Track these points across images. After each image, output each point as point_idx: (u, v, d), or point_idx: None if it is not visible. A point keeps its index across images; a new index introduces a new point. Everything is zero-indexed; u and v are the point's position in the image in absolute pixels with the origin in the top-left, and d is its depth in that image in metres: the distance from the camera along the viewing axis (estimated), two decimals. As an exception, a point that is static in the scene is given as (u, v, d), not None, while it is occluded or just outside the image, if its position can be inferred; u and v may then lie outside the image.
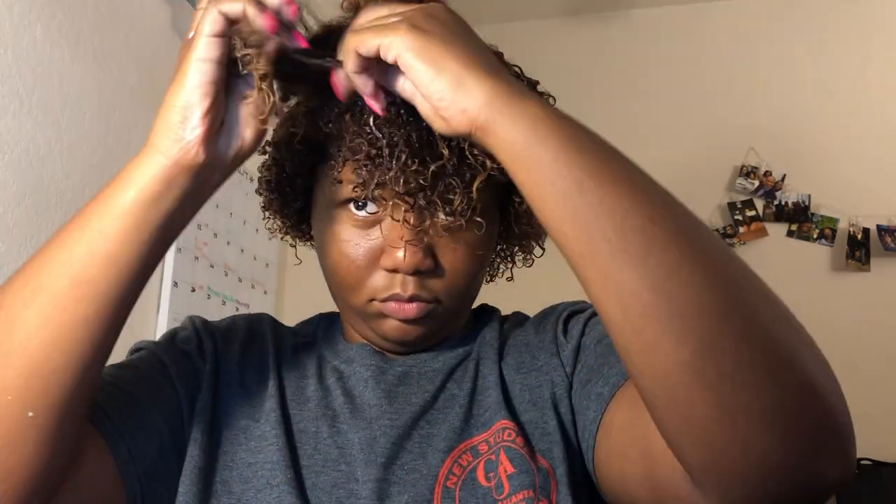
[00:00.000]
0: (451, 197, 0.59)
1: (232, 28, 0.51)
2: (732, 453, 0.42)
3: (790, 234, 2.79)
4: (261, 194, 0.73)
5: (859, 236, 2.69)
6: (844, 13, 2.89)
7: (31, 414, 0.49)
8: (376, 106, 0.54)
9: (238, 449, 0.64)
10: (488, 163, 0.58)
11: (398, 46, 0.48)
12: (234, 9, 0.50)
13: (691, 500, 0.47)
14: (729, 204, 2.84)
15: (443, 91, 0.48)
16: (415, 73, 0.48)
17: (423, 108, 0.52)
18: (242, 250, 1.67)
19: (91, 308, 0.50)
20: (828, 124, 2.82)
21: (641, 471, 0.53)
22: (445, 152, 0.57)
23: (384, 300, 0.63)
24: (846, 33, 2.88)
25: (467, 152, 0.58)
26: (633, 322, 0.43)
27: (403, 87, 0.53)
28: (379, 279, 0.63)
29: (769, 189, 2.81)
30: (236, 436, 0.65)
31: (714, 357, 0.41)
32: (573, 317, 0.70)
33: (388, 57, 0.49)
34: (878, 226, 2.67)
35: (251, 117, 0.54)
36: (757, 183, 2.82)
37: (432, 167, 0.57)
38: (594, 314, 0.68)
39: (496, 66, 0.50)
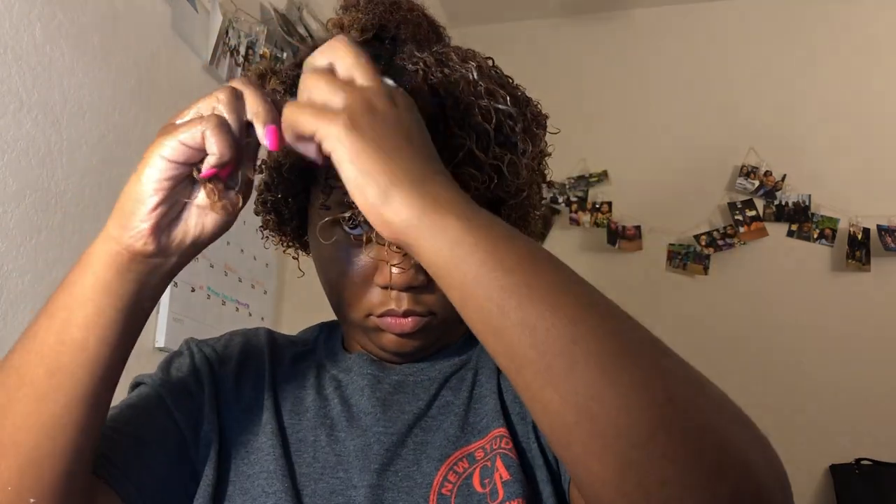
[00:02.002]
0: None
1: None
2: None
3: (790, 234, 2.79)
4: (258, 214, 0.74)
5: (859, 236, 2.69)
6: (845, 13, 2.89)
7: (32, 500, 0.51)
8: (319, 160, 0.52)
9: (240, 463, 0.66)
10: (471, 184, 0.60)
11: (333, 144, 0.47)
12: (194, 141, 0.50)
13: None
14: (729, 204, 2.84)
15: (369, 201, 0.46)
16: (345, 176, 0.47)
17: None
18: (242, 250, 1.66)
19: (69, 394, 0.51)
20: (828, 124, 2.82)
21: None
22: None
23: (381, 315, 0.65)
24: (846, 33, 2.88)
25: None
26: (559, 437, 0.43)
27: None
28: (374, 295, 0.64)
29: (769, 189, 2.81)
30: (238, 450, 0.67)
31: (636, 476, 0.40)
32: None
33: (324, 148, 0.48)
34: (878, 226, 2.67)
35: (211, 210, 0.54)
36: (757, 183, 2.82)
37: None
38: None
39: (427, 172, 0.48)
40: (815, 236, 2.76)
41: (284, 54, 1.85)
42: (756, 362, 2.68)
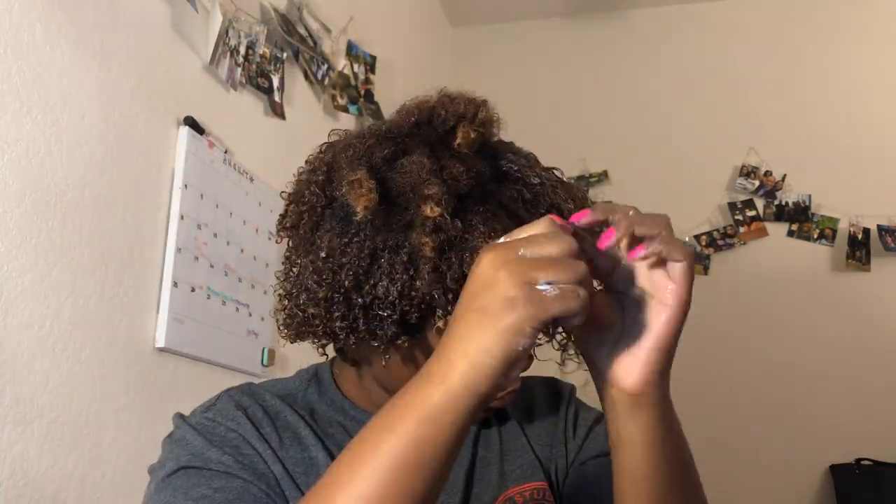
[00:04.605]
0: None
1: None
2: None
3: (790, 234, 2.79)
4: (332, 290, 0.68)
5: (860, 236, 2.69)
6: (845, 13, 2.89)
7: None
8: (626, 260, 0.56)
9: None
10: None
11: (690, 259, 0.54)
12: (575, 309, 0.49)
13: None
14: (729, 204, 2.84)
15: (686, 300, 0.54)
16: (686, 281, 0.53)
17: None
18: (242, 250, 1.66)
19: None
20: (828, 124, 2.82)
21: None
22: None
23: (501, 396, 0.68)
24: (846, 33, 2.88)
25: None
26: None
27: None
28: None
29: (769, 189, 2.81)
30: None
31: None
32: (580, 414, 0.80)
33: (675, 256, 0.53)
34: (878, 226, 2.67)
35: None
36: (757, 183, 2.82)
37: None
38: (597, 421, 0.79)
39: None
40: (815, 236, 2.76)
41: (284, 54, 1.85)
42: (756, 362, 2.68)
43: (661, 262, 0.54)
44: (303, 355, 0.91)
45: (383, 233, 0.60)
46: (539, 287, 0.47)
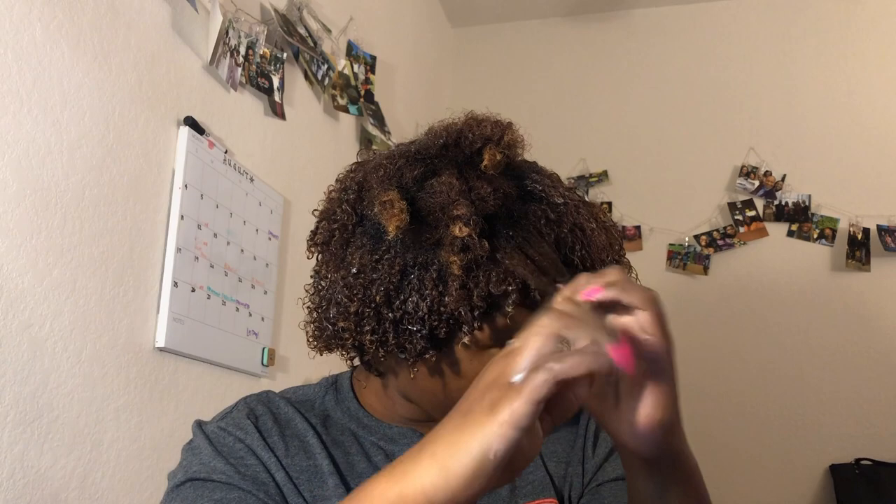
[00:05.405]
0: None
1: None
2: None
3: (790, 234, 2.79)
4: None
5: (859, 236, 2.69)
6: (845, 13, 2.89)
7: None
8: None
9: None
10: None
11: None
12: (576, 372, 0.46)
13: None
14: (729, 204, 2.84)
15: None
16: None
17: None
18: (242, 250, 1.66)
19: None
20: (828, 124, 2.82)
21: None
22: None
23: None
24: (846, 33, 2.88)
25: None
26: None
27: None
28: None
29: (769, 189, 2.81)
30: None
31: None
32: (600, 433, 0.81)
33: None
34: (878, 226, 2.67)
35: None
36: (757, 183, 2.82)
37: None
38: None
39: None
40: (815, 236, 2.76)
41: (284, 54, 1.85)
42: (756, 362, 2.68)
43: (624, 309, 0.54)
44: (303, 356, 0.91)
45: (413, 250, 0.62)
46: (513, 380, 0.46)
